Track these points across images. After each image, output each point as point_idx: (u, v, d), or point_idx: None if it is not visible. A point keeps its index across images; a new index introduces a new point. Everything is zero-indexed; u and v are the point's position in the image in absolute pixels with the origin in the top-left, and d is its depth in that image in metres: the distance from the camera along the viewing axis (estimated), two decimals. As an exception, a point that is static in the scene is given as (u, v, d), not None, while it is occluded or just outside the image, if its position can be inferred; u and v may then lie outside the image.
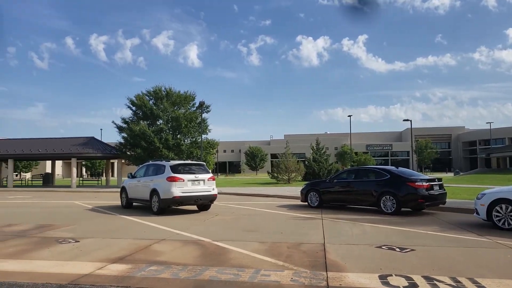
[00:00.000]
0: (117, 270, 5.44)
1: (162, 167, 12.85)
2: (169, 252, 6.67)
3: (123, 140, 31.72)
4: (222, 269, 5.48)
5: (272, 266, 5.61)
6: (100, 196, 21.65)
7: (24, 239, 8.00)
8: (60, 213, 13.13)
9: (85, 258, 6.22)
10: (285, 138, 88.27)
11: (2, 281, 4.87)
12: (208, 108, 32.74)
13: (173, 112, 31.46)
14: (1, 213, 13.12)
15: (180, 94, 32.55)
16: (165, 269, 5.50)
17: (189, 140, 32.75)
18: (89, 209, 14.22)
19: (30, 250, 6.91)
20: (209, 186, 12.85)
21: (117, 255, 6.41)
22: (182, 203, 12.39)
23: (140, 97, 31.97)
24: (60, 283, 4.79)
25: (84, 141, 33.23)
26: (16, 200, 18.89)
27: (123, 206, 14.55)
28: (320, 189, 13.59)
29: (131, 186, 14.29)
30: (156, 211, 12.28)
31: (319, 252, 6.53)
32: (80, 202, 16.99)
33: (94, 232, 8.86)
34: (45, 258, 6.22)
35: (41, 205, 16.06)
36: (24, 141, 35.08)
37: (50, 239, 7.93)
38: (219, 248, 6.98)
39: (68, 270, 5.47)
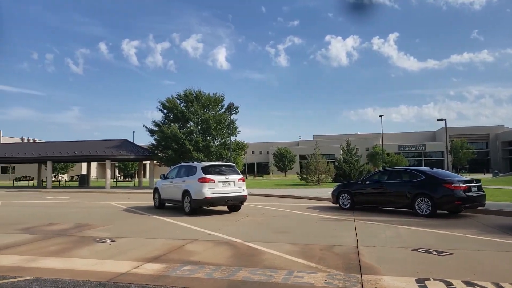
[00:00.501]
0: (152, 269, 5.56)
1: (194, 168, 13.03)
2: (202, 252, 6.76)
3: (155, 142, 32.40)
4: (255, 270, 5.49)
5: (305, 268, 5.58)
6: (133, 196, 22.19)
7: (64, 238, 8.31)
8: (96, 213, 13.56)
9: (122, 257, 6.39)
10: (314, 139, 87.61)
11: (46, 278, 5.08)
12: (237, 110, 32.95)
13: (203, 115, 31.85)
14: (42, 213, 13.69)
15: (209, 97, 32.91)
16: (199, 269, 5.57)
17: (218, 141, 33.04)
18: (123, 209, 14.60)
19: (70, 248, 7.18)
20: (239, 187, 12.92)
21: (152, 254, 6.55)
22: (213, 203, 12.51)
23: (171, 100, 32.56)
24: (100, 281, 4.94)
25: (117, 143, 34.15)
26: (55, 201, 19.65)
27: (156, 207, 14.86)
28: (352, 191, 13.39)
29: (163, 187, 14.58)
30: (188, 211, 12.46)
31: (352, 255, 6.43)
32: (115, 203, 17.47)
33: (129, 232, 9.09)
34: (85, 257, 6.44)
35: (78, 205, 16.64)
36: (61, 143, 36.51)
37: (88, 238, 8.20)
38: (251, 249, 7.00)
39: (106, 268, 5.63)
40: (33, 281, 4.94)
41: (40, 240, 8.03)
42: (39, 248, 7.16)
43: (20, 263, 6.00)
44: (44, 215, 13.02)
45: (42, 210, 14.83)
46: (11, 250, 7.04)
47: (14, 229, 9.64)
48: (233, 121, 32.32)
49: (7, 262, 6.07)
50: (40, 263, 5.95)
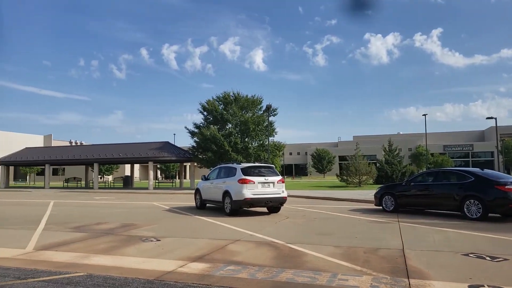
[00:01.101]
0: (197, 268, 5.67)
1: (234, 169, 13.16)
2: (244, 253, 6.81)
3: (195, 144, 33.05)
4: (299, 271, 5.46)
5: (349, 271, 5.48)
6: (175, 197, 22.74)
7: (112, 237, 8.65)
8: (140, 213, 14.01)
9: (167, 256, 6.56)
10: (354, 140, 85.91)
11: (98, 274, 5.32)
12: (275, 111, 33.01)
13: (241, 116, 32.14)
14: (90, 212, 14.33)
15: (247, 98, 33.17)
16: (242, 269, 5.61)
17: (256, 143, 33.19)
18: (166, 209, 14.99)
19: (118, 247, 7.46)
20: (279, 189, 12.90)
21: (196, 254, 6.68)
22: (253, 204, 12.57)
23: (211, 103, 33.12)
24: (148, 279, 5.10)
25: (159, 145, 35.13)
26: (101, 201, 20.51)
27: (197, 207, 15.13)
28: (396, 193, 13.00)
29: (204, 188, 14.83)
30: (229, 212, 12.60)
31: (398, 258, 6.24)
32: (158, 203, 17.97)
33: (173, 232, 9.32)
34: (132, 255, 6.68)
35: (123, 206, 17.27)
36: (106, 146, 38.09)
37: (135, 237, 8.49)
38: (293, 251, 6.97)
39: (153, 266, 5.80)
40: (86, 277, 5.18)
41: (90, 239, 8.41)
42: (90, 246, 7.51)
43: (74, 259, 6.31)
44: (92, 214, 13.62)
45: (90, 210, 15.52)
46: (65, 247, 7.43)
47: (66, 227, 10.16)
48: (271, 123, 32.38)
49: (62, 258, 6.41)
50: (92, 260, 6.23)
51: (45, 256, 6.64)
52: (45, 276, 5.24)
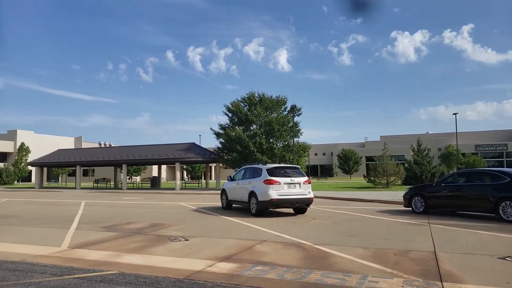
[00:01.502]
0: (225, 268, 5.71)
1: (259, 170, 13.18)
2: (271, 253, 6.81)
3: (221, 145, 33.33)
4: (327, 273, 5.42)
5: (379, 273, 5.39)
6: (201, 198, 22.99)
7: (142, 236, 8.83)
8: (168, 213, 14.24)
9: (196, 255, 6.64)
10: (381, 140, 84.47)
11: (130, 272, 5.45)
12: (300, 111, 32.88)
13: (266, 117, 32.18)
14: (120, 212, 14.68)
15: (272, 99, 33.18)
16: (270, 269, 5.62)
17: (281, 143, 33.15)
18: (193, 210, 15.18)
19: (148, 246, 7.61)
20: (305, 190, 12.82)
21: (224, 254, 6.73)
22: (278, 205, 12.55)
23: (235, 104, 33.32)
24: (177, 278, 5.18)
25: (185, 146, 35.62)
26: (130, 201, 20.98)
27: (223, 207, 15.25)
28: (426, 194, 12.69)
29: (230, 188, 14.93)
30: (255, 212, 12.63)
31: (430, 261, 6.09)
32: (185, 203, 18.22)
33: (201, 232, 9.43)
34: (161, 254, 6.80)
35: (151, 206, 17.60)
36: (134, 147, 38.94)
37: (163, 237, 8.64)
38: (321, 252, 6.92)
39: (183, 266, 5.89)
40: (119, 275, 5.32)
41: (121, 238, 8.62)
42: (121, 245, 7.69)
43: (106, 258, 6.49)
44: (122, 214, 13.95)
45: (120, 209, 15.90)
46: (98, 246, 7.64)
47: (98, 227, 10.45)
48: (296, 123, 32.27)
49: (95, 256, 6.61)
50: (123, 259, 6.39)
51: (79, 254, 6.85)
52: (80, 274, 5.41)
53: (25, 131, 71.16)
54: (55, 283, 4.96)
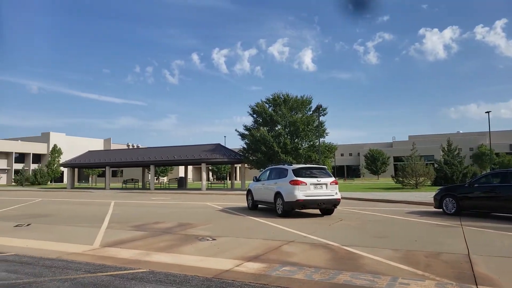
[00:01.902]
0: (253, 268, 5.73)
1: (285, 170, 13.15)
2: (299, 254, 6.78)
3: (245, 145, 33.47)
4: (356, 274, 5.35)
5: (410, 275, 5.28)
6: (227, 198, 23.14)
7: (170, 235, 8.98)
8: (195, 213, 14.41)
9: (224, 255, 6.70)
10: (410, 140, 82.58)
11: (159, 271, 5.55)
12: (325, 111, 32.60)
13: (290, 117, 32.08)
14: (149, 212, 14.97)
15: (297, 99, 33.06)
16: (298, 270, 5.60)
17: (306, 144, 32.97)
18: (219, 210, 15.30)
19: (177, 245, 7.73)
20: (332, 190, 12.69)
21: (251, 254, 6.75)
22: (305, 206, 12.47)
23: (260, 105, 33.40)
24: (206, 277, 5.24)
25: (211, 147, 35.98)
26: (158, 201, 21.36)
27: (249, 208, 15.29)
28: (458, 195, 12.32)
29: (256, 189, 14.95)
30: (281, 213, 12.60)
31: (463, 264, 5.91)
32: (211, 203, 18.39)
33: (228, 231, 9.49)
34: (190, 253, 6.89)
35: (178, 206, 17.86)
36: (161, 149, 39.65)
37: (191, 236, 8.76)
38: (349, 253, 6.84)
39: (211, 265, 5.95)
40: (149, 273, 5.43)
41: (150, 237, 8.79)
42: (151, 244, 7.85)
43: (137, 256, 6.64)
44: (150, 214, 14.21)
45: (148, 209, 16.22)
46: (128, 244, 7.83)
47: (128, 226, 10.70)
48: (321, 123, 32.01)
49: (126, 255, 6.77)
50: (153, 258, 6.52)
51: (110, 252, 7.04)
52: (112, 271, 5.56)
53: (57, 134, 73.73)
54: (89, 279, 5.12)
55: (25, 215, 13.85)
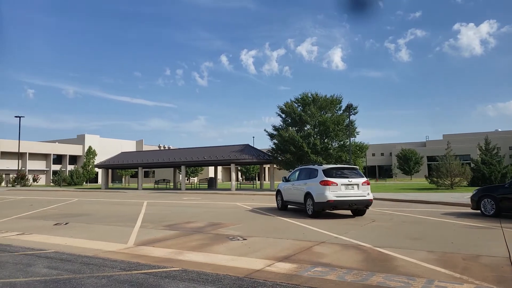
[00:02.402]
0: (284, 268, 5.72)
1: (315, 171, 13.04)
2: (330, 255, 6.71)
3: (274, 146, 33.44)
4: (390, 276, 5.24)
5: (447, 278, 5.11)
6: (256, 198, 23.19)
7: (202, 235, 9.10)
8: (225, 213, 14.53)
9: (254, 255, 6.72)
10: (444, 138, 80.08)
11: (192, 270, 5.64)
12: (355, 110, 32.08)
13: (320, 117, 31.79)
14: (180, 212, 15.22)
15: (326, 99, 32.72)
16: (330, 271, 5.54)
17: (336, 144, 32.57)
18: (249, 210, 15.36)
19: (208, 244, 7.83)
20: (364, 191, 12.48)
21: (282, 254, 6.74)
22: (336, 207, 12.32)
23: (289, 105, 33.28)
24: (238, 276, 5.28)
25: (240, 148, 36.18)
26: (189, 201, 21.68)
27: (279, 208, 15.26)
28: (497, 196, 11.82)
29: (285, 189, 14.91)
30: (311, 214, 12.50)
31: (505, 267, 5.67)
32: (240, 204, 18.49)
33: (258, 231, 9.51)
34: (221, 253, 6.96)
35: (209, 206, 18.06)
36: (191, 150, 40.26)
37: (222, 236, 8.84)
38: (383, 255, 6.70)
39: (242, 264, 5.99)
40: (182, 272, 5.52)
41: (182, 236, 8.94)
42: (183, 243, 7.98)
43: (169, 255, 6.77)
44: (182, 214, 14.45)
45: (180, 209, 16.49)
46: (161, 243, 7.99)
47: (160, 225, 10.92)
48: (352, 122, 31.54)
49: (159, 254, 6.92)
50: (185, 256, 6.62)
51: (144, 251, 7.20)
52: (146, 269, 5.69)
53: (92, 136, 76.28)
54: (124, 277, 5.26)
55: (63, 214, 14.40)
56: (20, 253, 7.06)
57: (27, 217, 13.73)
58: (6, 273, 5.55)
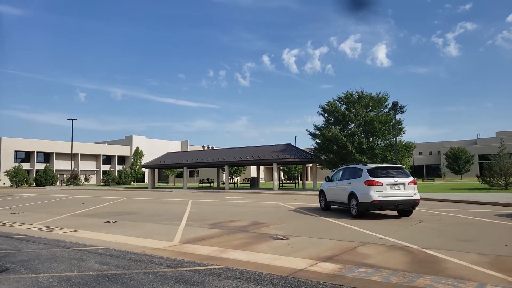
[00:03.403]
0: (327, 268, 5.68)
1: (359, 170, 12.80)
2: (375, 256, 6.58)
3: (317, 145, 33.11)
4: (438, 278, 5.06)
5: (500, 282, 4.87)
6: (298, 198, 23.09)
7: (245, 234, 9.22)
8: (268, 212, 14.60)
9: (297, 254, 6.72)
10: (497, 136, 75.65)
11: (235, 268, 5.74)
12: (403, 109, 31.07)
13: (365, 116, 31.10)
14: (223, 211, 15.50)
15: (371, 97, 31.95)
16: (374, 272, 5.44)
17: (382, 143, 31.72)
18: (291, 209, 15.34)
19: (251, 243, 7.93)
20: (410, 191, 12.09)
21: (325, 254, 6.70)
22: (381, 207, 12.04)
23: (331, 104, 32.83)
24: (281, 275, 5.31)
25: (282, 148, 36.15)
26: (232, 200, 21.99)
27: (322, 208, 15.12)
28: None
29: (328, 189, 14.74)
30: (355, 214, 12.28)
31: None
32: (283, 203, 18.49)
33: (301, 231, 9.49)
34: (264, 251, 7.02)
35: (251, 205, 18.22)
36: (234, 149, 40.77)
37: (265, 235, 8.91)
38: (430, 256, 6.48)
39: (285, 264, 6.01)
40: (226, 270, 5.64)
41: (226, 235, 9.11)
42: (226, 241, 8.13)
43: (213, 253, 6.93)
44: (225, 212, 14.70)
45: (223, 208, 16.78)
46: (205, 241, 8.19)
47: (205, 224, 11.19)
48: (398, 121, 30.59)
49: (203, 251, 7.10)
50: (229, 255, 6.75)
51: (189, 249, 7.42)
52: (191, 267, 5.87)
53: (139, 137, 79.29)
54: (170, 274, 5.46)
55: (113, 213, 15.11)
56: (74, 249, 7.51)
57: (80, 215, 14.54)
58: (62, 267, 5.93)
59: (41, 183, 56.55)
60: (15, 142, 64.70)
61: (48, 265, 6.05)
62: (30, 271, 5.65)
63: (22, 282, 5.09)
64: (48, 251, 7.22)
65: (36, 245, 8.00)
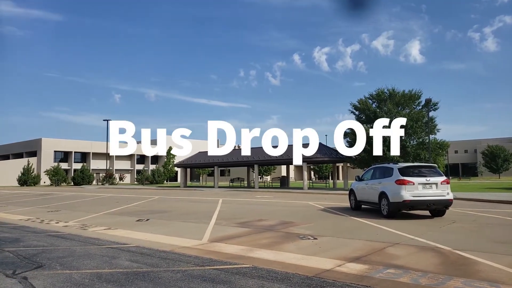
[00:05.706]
0: (355, 269, 5.63)
1: (390, 169, 12.55)
2: (404, 257, 6.45)
3: (348, 144, 32.60)
4: (470, 281, 4.91)
5: (537, 287, 4.66)
6: (329, 197, 22.87)
7: (273, 233, 9.25)
8: (297, 212, 14.56)
9: (325, 254, 6.69)
10: (539, 133, 71.99)
11: (262, 267, 5.78)
12: (436, 106, 30.13)
13: (397, 113, 30.36)
14: (252, 210, 15.59)
15: (404, 94, 31.16)
16: (403, 273, 5.34)
17: (415, 141, 30.88)
18: (321, 209, 15.23)
19: (279, 242, 7.95)
20: (443, 190, 11.74)
21: (353, 254, 6.62)
22: (412, 207, 11.76)
23: (362, 101, 32.28)
24: (307, 275, 5.31)
25: (312, 146, 35.79)
26: (261, 199, 22.06)
27: (352, 208, 14.92)
28: None
29: (359, 188, 14.53)
30: (386, 214, 12.05)
31: None
32: (312, 203, 18.37)
33: (329, 231, 9.42)
34: (291, 251, 7.03)
35: (281, 204, 18.22)
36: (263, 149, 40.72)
37: (293, 235, 8.90)
38: (462, 258, 6.28)
39: (312, 264, 6.00)
40: (252, 269, 5.70)
41: (254, 234, 9.17)
42: (254, 240, 8.19)
43: (240, 252, 7.00)
44: (254, 212, 14.78)
45: (252, 207, 16.87)
46: (233, 240, 8.29)
47: (233, 222, 11.30)
48: (431, 118, 29.68)
49: (231, 250, 7.19)
50: (256, 254, 6.80)
51: (217, 247, 7.53)
52: (218, 265, 5.96)
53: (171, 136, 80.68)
54: (197, 272, 5.57)
55: (145, 211, 15.51)
56: (106, 246, 7.78)
57: (113, 213, 15.02)
58: (94, 264, 6.17)
59: (78, 182, 58.83)
60: (54, 143, 67.52)
61: (81, 261, 6.31)
62: (64, 267, 5.92)
63: (56, 278, 5.33)
64: (82, 248, 7.52)
65: (71, 242, 8.35)
